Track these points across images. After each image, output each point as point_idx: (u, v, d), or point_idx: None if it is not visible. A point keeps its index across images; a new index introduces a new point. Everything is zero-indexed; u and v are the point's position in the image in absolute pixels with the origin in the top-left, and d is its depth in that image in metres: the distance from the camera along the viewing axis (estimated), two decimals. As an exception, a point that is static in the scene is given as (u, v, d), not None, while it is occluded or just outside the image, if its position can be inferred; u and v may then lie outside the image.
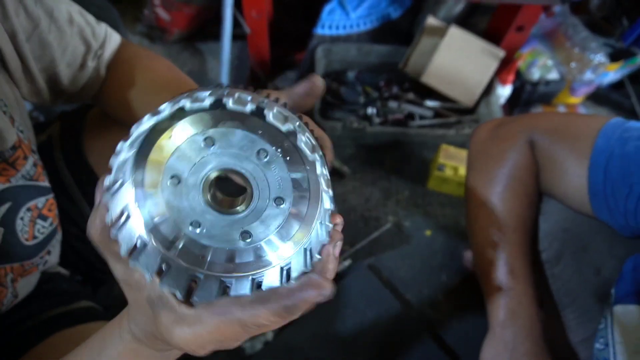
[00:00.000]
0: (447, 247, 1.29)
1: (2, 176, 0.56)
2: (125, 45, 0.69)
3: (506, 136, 0.75)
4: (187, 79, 0.65)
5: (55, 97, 0.66)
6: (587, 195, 0.66)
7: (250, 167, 0.30)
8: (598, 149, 0.65)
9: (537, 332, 0.70)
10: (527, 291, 0.70)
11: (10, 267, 0.62)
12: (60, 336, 0.65)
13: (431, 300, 1.20)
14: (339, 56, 1.43)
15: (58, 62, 0.61)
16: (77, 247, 0.79)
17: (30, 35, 0.57)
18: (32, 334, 0.65)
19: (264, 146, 0.29)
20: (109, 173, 0.31)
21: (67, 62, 0.62)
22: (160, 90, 0.62)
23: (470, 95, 1.38)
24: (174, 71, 0.66)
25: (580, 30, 1.32)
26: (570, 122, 0.72)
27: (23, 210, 0.60)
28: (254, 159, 0.30)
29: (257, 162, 0.30)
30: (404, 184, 1.39)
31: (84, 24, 0.62)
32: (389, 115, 1.37)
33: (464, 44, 1.34)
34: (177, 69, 0.67)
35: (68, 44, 0.61)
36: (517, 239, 0.72)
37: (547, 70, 1.42)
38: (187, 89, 0.61)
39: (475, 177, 0.75)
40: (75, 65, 0.63)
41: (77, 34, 0.61)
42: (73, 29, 0.61)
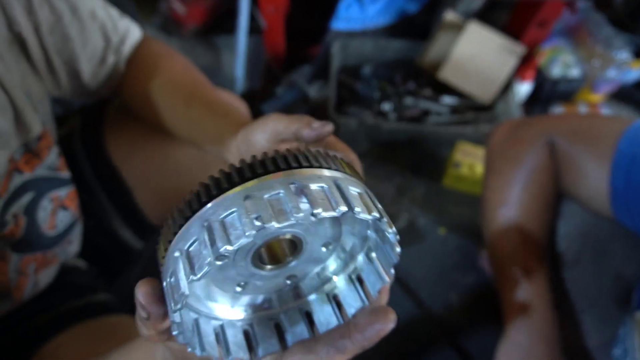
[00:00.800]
0: (462, 246, 1.28)
1: (28, 166, 0.57)
2: (146, 41, 0.69)
3: (525, 138, 0.74)
4: (202, 79, 0.65)
5: (76, 91, 0.67)
6: (608, 198, 0.65)
7: (300, 228, 0.27)
8: (620, 152, 0.64)
9: (552, 336, 0.69)
10: (543, 294, 0.70)
11: (34, 256, 0.63)
12: (78, 328, 0.65)
13: (444, 300, 1.19)
14: (355, 51, 1.42)
15: (79, 56, 0.62)
16: (95, 239, 0.79)
17: (53, 28, 0.58)
18: (52, 325, 0.66)
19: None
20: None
21: (88, 56, 0.63)
22: (175, 91, 0.62)
23: (488, 92, 1.36)
24: (190, 72, 0.66)
25: (603, 27, 1.29)
26: (591, 124, 0.71)
27: (45, 200, 0.62)
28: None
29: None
30: (418, 181, 1.38)
31: (106, 19, 0.63)
32: (404, 112, 1.36)
33: (482, 39, 1.32)
34: (194, 68, 0.68)
35: (89, 39, 0.62)
36: (534, 242, 0.71)
37: (568, 67, 1.39)
38: (201, 92, 0.61)
39: (493, 179, 0.75)
40: (96, 60, 0.64)
41: (98, 29, 0.62)
42: (95, 24, 0.62)
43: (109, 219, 0.80)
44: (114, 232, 0.81)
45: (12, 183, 0.55)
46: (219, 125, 0.53)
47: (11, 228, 0.56)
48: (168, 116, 0.63)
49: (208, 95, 0.61)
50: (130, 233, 0.82)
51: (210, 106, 0.58)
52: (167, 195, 0.81)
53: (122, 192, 0.78)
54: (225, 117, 0.54)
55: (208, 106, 0.58)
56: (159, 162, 0.78)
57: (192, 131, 0.59)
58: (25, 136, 0.56)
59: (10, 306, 0.63)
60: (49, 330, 0.65)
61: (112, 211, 0.79)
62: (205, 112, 0.57)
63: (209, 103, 0.59)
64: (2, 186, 0.54)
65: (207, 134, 0.56)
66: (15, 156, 0.55)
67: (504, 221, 0.72)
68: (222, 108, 0.57)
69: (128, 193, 0.78)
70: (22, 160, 0.56)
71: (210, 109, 0.57)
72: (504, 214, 0.71)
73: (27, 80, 0.57)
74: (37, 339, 0.64)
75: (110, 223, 0.80)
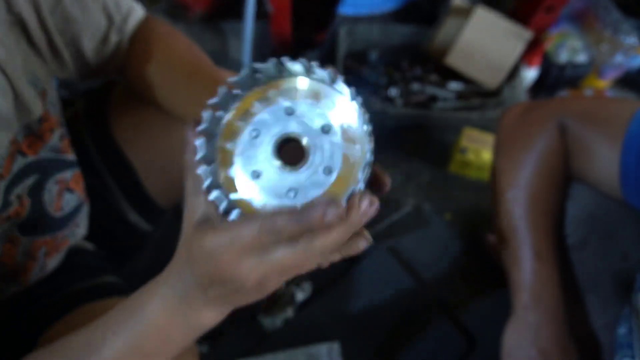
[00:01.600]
0: (467, 231, 1.29)
1: (31, 149, 0.58)
2: (149, 20, 0.69)
3: (535, 121, 0.74)
4: (205, 58, 0.65)
5: (81, 72, 0.67)
6: (618, 179, 0.66)
7: (313, 138, 0.37)
8: (631, 134, 0.65)
9: (560, 316, 0.70)
10: (552, 275, 0.71)
11: (44, 240, 0.64)
12: (86, 308, 0.66)
13: (450, 284, 1.21)
14: (361, 36, 1.42)
15: (82, 36, 0.62)
16: (103, 221, 0.80)
17: (54, 9, 0.57)
18: (59, 306, 0.67)
19: (328, 122, 0.37)
20: (210, 108, 0.38)
21: (91, 36, 0.63)
22: (177, 70, 0.63)
23: (495, 78, 1.36)
24: (192, 50, 0.66)
25: (612, 11, 1.29)
26: (601, 106, 0.71)
27: (51, 182, 0.62)
28: (318, 131, 0.37)
29: (320, 134, 0.36)
30: (425, 166, 1.39)
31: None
32: (411, 97, 1.36)
33: (490, 25, 1.32)
34: (197, 47, 0.68)
35: (91, 19, 0.61)
36: (544, 223, 0.72)
37: (575, 52, 1.39)
38: (203, 70, 0.62)
39: (503, 162, 0.75)
40: (98, 39, 0.64)
41: (100, 9, 0.62)
42: (96, 3, 0.62)
43: (116, 201, 0.80)
44: (122, 214, 0.82)
45: (15, 164, 0.55)
46: None
47: (16, 208, 0.57)
48: (168, 94, 0.63)
49: (209, 73, 0.62)
50: (137, 216, 0.83)
51: (211, 82, 0.58)
52: (173, 175, 0.80)
53: (128, 173, 0.78)
54: None
55: (208, 84, 0.59)
56: (164, 143, 0.78)
57: (193, 108, 0.59)
58: (26, 118, 0.56)
59: (17, 289, 0.63)
60: (57, 310, 0.65)
61: (118, 193, 0.80)
62: (205, 89, 0.58)
63: (210, 81, 0.60)
64: (5, 167, 0.54)
65: None
66: (18, 138, 0.55)
67: (513, 203, 0.72)
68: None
69: (134, 175, 0.79)
70: (24, 143, 0.56)
71: (211, 86, 0.56)
72: (514, 196, 0.72)
73: (30, 62, 0.57)
74: (46, 319, 0.64)
75: (118, 205, 0.81)
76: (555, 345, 0.69)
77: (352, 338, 1.11)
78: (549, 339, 0.69)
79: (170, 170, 0.80)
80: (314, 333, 1.11)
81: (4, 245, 0.57)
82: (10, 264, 0.59)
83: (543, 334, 0.70)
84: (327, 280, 1.18)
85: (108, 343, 0.40)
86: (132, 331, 0.40)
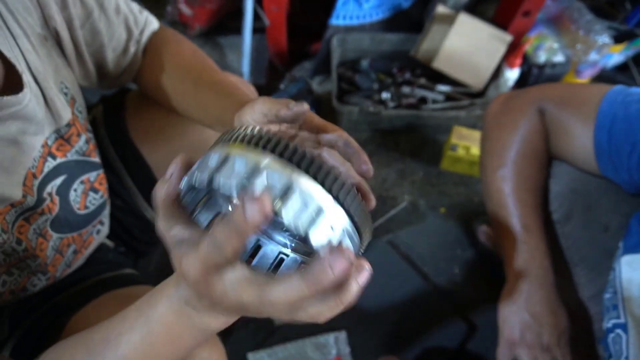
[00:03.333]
0: (461, 223, 1.35)
1: (60, 151, 0.63)
2: (160, 30, 0.74)
3: (517, 107, 0.81)
4: (210, 63, 0.69)
5: (101, 80, 0.72)
6: (594, 154, 0.72)
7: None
8: (603, 113, 0.71)
9: (550, 282, 0.76)
10: (540, 245, 0.76)
11: (72, 236, 0.68)
12: (110, 295, 0.70)
13: (448, 273, 1.27)
14: (353, 45, 1.50)
15: (106, 47, 0.67)
16: (122, 219, 0.85)
17: (84, 23, 0.63)
18: (85, 294, 0.70)
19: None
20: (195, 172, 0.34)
21: (113, 47, 0.68)
22: (184, 75, 0.67)
23: (480, 79, 1.45)
24: (198, 56, 0.71)
25: (584, 14, 1.38)
26: (575, 91, 0.78)
27: (77, 182, 0.66)
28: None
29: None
30: (418, 164, 1.46)
31: (128, 12, 0.68)
32: (402, 100, 1.44)
33: (473, 30, 1.41)
34: (203, 53, 0.72)
35: (115, 32, 0.67)
36: (530, 199, 0.78)
37: (553, 53, 1.48)
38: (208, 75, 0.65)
39: (490, 145, 0.82)
40: (119, 50, 0.69)
41: (122, 22, 0.68)
42: (119, 17, 0.67)
43: (134, 199, 0.85)
44: (139, 212, 0.86)
45: (46, 165, 0.60)
46: (223, 105, 0.58)
47: (49, 204, 0.62)
48: (179, 99, 0.68)
49: (214, 77, 0.65)
50: (153, 212, 0.86)
51: (216, 87, 0.62)
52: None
53: (145, 172, 0.83)
54: (229, 97, 0.58)
55: (214, 88, 0.62)
56: (178, 143, 0.82)
57: (200, 112, 0.64)
58: (56, 123, 0.61)
59: (47, 282, 0.68)
60: (81, 298, 0.69)
61: (136, 192, 0.84)
62: (211, 93, 0.62)
63: (215, 84, 0.63)
64: (38, 168, 0.59)
65: (213, 114, 0.60)
66: (49, 141, 0.60)
67: (502, 181, 0.78)
68: (226, 89, 0.61)
69: (150, 173, 0.83)
70: (54, 146, 0.61)
71: (216, 90, 0.62)
72: (502, 175, 0.78)
73: (60, 72, 0.61)
74: (70, 306, 0.68)
75: (135, 203, 0.85)
76: (546, 309, 0.74)
77: (358, 327, 1.16)
78: (539, 304, 0.75)
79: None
80: (321, 324, 1.16)
81: (38, 239, 0.62)
82: (42, 257, 0.64)
83: (534, 299, 0.75)
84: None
85: (124, 338, 0.41)
86: (145, 328, 0.41)
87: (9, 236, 0.56)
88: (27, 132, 0.55)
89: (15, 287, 0.63)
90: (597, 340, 0.81)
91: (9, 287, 0.61)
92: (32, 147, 0.57)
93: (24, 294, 0.65)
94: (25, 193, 0.56)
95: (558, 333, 0.75)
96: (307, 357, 1.10)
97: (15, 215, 0.57)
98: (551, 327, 0.75)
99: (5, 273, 0.59)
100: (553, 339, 0.75)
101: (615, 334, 0.70)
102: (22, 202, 0.56)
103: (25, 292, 0.65)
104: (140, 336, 0.41)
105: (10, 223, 0.56)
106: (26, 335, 0.67)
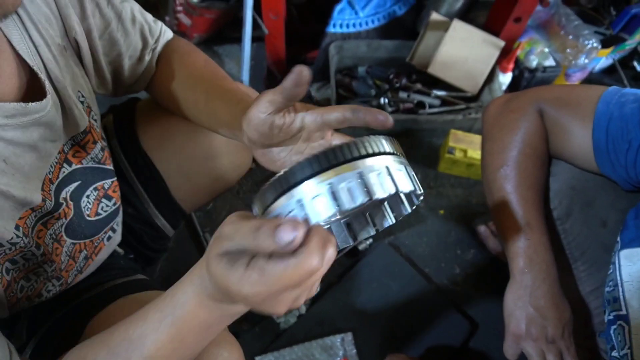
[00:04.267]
0: (460, 224, 1.38)
1: (76, 158, 0.64)
2: (174, 39, 0.76)
3: (516, 108, 0.83)
4: (221, 72, 0.71)
5: (116, 88, 0.74)
6: (592, 153, 0.75)
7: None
8: (599, 113, 0.74)
9: (553, 276, 0.78)
10: (542, 240, 0.78)
11: (84, 243, 0.69)
12: (124, 301, 0.71)
13: (448, 273, 1.29)
14: (350, 52, 1.53)
15: (123, 57, 0.69)
16: (132, 226, 0.86)
17: (103, 33, 0.64)
18: (100, 299, 0.71)
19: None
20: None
21: (129, 56, 0.69)
22: (196, 84, 0.68)
23: (474, 84, 1.48)
24: (209, 65, 0.72)
25: (573, 20, 1.43)
26: (572, 92, 0.81)
27: (90, 189, 0.68)
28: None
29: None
30: (416, 168, 1.48)
31: (143, 22, 0.70)
32: (400, 105, 1.47)
33: (466, 36, 1.45)
34: (214, 62, 0.74)
35: (131, 41, 0.68)
36: (532, 196, 0.80)
37: (544, 57, 1.52)
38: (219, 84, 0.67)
39: (492, 145, 0.84)
40: (135, 59, 0.71)
41: (138, 32, 0.69)
42: (135, 27, 0.69)
43: (145, 207, 0.86)
44: (150, 219, 0.87)
45: (62, 172, 0.62)
46: (233, 111, 0.59)
47: (65, 209, 0.63)
48: (191, 107, 0.69)
49: (225, 85, 0.67)
50: (164, 220, 0.89)
51: (227, 95, 0.64)
52: (197, 180, 0.87)
53: (156, 180, 0.84)
54: (239, 104, 0.60)
55: (225, 95, 0.64)
56: (189, 150, 0.83)
57: (211, 119, 0.65)
58: (73, 130, 0.62)
59: (60, 287, 0.69)
60: (97, 303, 0.70)
61: (147, 199, 0.85)
62: (222, 101, 0.63)
63: (226, 92, 0.65)
64: (54, 173, 0.60)
65: (224, 121, 0.62)
66: (65, 148, 0.61)
67: (504, 180, 0.81)
68: (236, 96, 0.63)
69: (161, 181, 0.84)
70: (70, 152, 0.63)
71: (227, 98, 0.63)
72: (504, 173, 0.81)
73: (78, 81, 0.63)
74: (87, 311, 0.69)
75: (147, 211, 0.86)
76: (550, 302, 0.77)
77: (364, 328, 1.17)
78: (543, 297, 0.77)
79: (195, 176, 0.86)
80: (327, 326, 1.17)
81: (54, 244, 0.63)
82: (58, 262, 0.65)
83: (538, 293, 0.77)
84: (335, 276, 1.26)
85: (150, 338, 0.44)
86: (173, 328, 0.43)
87: (29, 240, 0.57)
88: (47, 139, 0.56)
89: (32, 293, 0.64)
90: (597, 334, 0.84)
91: (26, 292, 0.62)
92: (50, 153, 0.58)
93: (39, 299, 0.66)
94: (44, 197, 0.58)
95: (562, 325, 0.77)
96: (315, 359, 1.11)
97: (34, 220, 0.58)
98: (555, 320, 0.77)
99: (23, 278, 0.61)
100: (557, 331, 0.77)
101: (617, 325, 0.72)
102: (42, 207, 0.58)
103: (40, 298, 0.66)
104: (169, 335, 0.44)
105: (30, 227, 0.57)
106: (43, 340, 0.68)
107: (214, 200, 1.37)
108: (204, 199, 0.94)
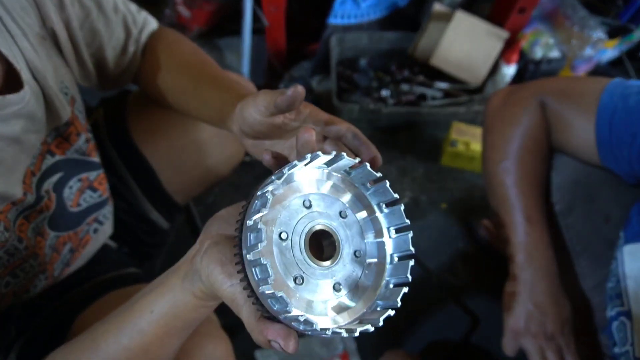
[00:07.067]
0: (462, 218, 1.37)
1: (59, 149, 0.63)
2: (159, 30, 0.74)
3: (518, 100, 0.82)
4: (209, 60, 0.69)
5: (101, 81, 0.72)
6: (595, 146, 0.74)
7: (335, 225, 0.38)
8: (603, 105, 0.73)
9: (553, 272, 0.77)
10: (543, 236, 0.78)
11: (67, 235, 0.68)
12: (113, 295, 0.71)
13: (450, 267, 1.28)
14: (351, 44, 1.51)
15: (105, 47, 0.67)
16: (125, 220, 0.85)
17: (83, 23, 0.63)
18: (88, 294, 0.71)
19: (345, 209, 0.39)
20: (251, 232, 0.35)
21: (112, 47, 0.68)
22: (184, 72, 0.67)
23: (477, 76, 1.46)
24: (198, 53, 0.71)
25: (578, 10, 1.40)
26: (575, 84, 0.79)
27: (73, 180, 0.67)
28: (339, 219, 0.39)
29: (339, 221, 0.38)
30: (418, 161, 1.47)
31: (126, 11, 0.69)
32: (402, 97, 1.45)
33: (469, 27, 1.42)
34: (202, 52, 0.72)
35: (113, 31, 0.67)
36: (533, 191, 0.79)
37: (549, 48, 1.50)
38: (208, 73, 0.65)
39: (493, 138, 0.83)
40: (118, 50, 0.69)
41: (120, 22, 0.68)
42: (117, 16, 0.67)
43: (137, 201, 0.85)
44: (143, 213, 0.87)
45: (45, 163, 0.61)
46: (223, 98, 0.58)
47: (46, 202, 0.62)
48: (179, 95, 0.67)
49: (214, 72, 0.65)
50: (157, 214, 0.88)
51: (216, 82, 0.62)
52: (189, 172, 0.86)
53: (148, 174, 0.83)
54: (229, 91, 0.58)
55: (214, 82, 0.62)
56: (179, 143, 0.83)
57: (201, 106, 0.63)
58: (55, 122, 0.61)
59: (46, 283, 0.68)
60: (86, 298, 0.70)
61: (139, 193, 0.85)
62: (211, 88, 0.61)
63: (215, 79, 0.63)
64: (36, 165, 0.59)
65: (213, 109, 0.60)
66: (48, 139, 0.60)
67: (505, 174, 0.80)
68: (226, 83, 0.61)
69: (153, 174, 0.83)
70: (54, 144, 0.62)
71: (216, 85, 0.62)
72: (505, 167, 0.80)
73: (60, 72, 0.62)
74: (76, 306, 0.69)
75: (140, 205, 0.86)
76: (549, 298, 0.76)
77: (363, 322, 1.17)
78: (542, 294, 0.76)
79: (186, 168, 0.86)
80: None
81: (36, 237, 0.62)
82: (41, 255, 0.64)
83: (537, 289, 0.76)
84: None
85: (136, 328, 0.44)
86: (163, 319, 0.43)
87: (10, 234, 0.56)
88: (29, 130, 0.55)
89: (18, 289, 0.63)
90: (600, 330, 0.83)
91: (12, 288, 0.62)
92: (33, 145, 0.57)
93: (26, 295, 0.66)
94: (25, 191, 0.57)
95: (561, 322, 0.77)
96: (315, 353, 1.11)
97: (16, 214, 0.57)
98: (555, 316, 0.76)
99: (10, 275, 0.60)
100: (557, 327, 0.76)
101: (619, 321, 0.71)
102: (23, 200, 0.57)
103: (28, 294, 0.66)
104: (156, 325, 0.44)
105: (11, 221, 0.56)
106: (33, 336, 0.68)
107: (215, 195, 1.37)
108: (196, 190, 0.94)
